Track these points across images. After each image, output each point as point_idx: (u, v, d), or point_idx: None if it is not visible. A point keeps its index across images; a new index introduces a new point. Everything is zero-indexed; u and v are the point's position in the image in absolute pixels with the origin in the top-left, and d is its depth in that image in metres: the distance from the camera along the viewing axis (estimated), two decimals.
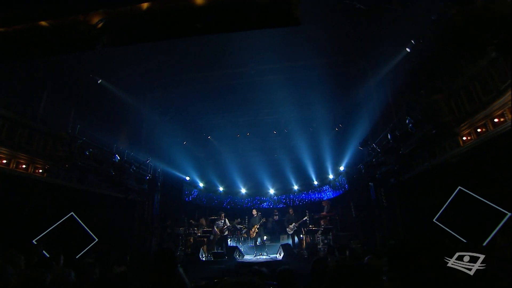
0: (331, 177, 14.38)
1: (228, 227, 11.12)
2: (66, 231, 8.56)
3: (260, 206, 16.12)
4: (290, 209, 11.90)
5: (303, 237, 11.41)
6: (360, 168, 10.66)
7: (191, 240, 11.20)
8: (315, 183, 15.59)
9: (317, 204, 14.62)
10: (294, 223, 10.94)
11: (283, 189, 16.78)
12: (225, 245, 10.69)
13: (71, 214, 9.05)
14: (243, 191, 16.80)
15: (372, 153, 9.57)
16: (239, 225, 12.30)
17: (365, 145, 9.40)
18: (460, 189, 7.72)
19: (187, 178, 13.79)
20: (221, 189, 16.41)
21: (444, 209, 8.17)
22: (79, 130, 7.74)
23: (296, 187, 16.45)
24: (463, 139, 5.82)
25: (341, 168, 12.95)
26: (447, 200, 8.06)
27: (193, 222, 12.38)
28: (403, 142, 7.52)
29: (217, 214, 13.56)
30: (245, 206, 16.56)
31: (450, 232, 7.74)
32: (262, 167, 15.44)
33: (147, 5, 2.74)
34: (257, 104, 12.55)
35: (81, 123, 8.06)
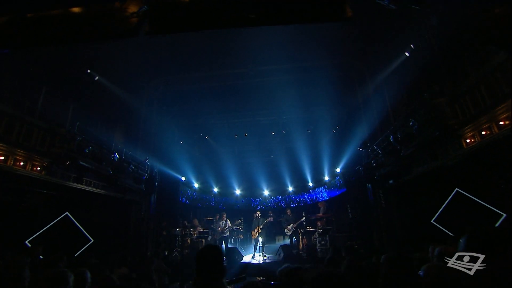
0: (327, 178, 14.51)
1: (229, 227, 11.03)
2: (61, 232, 8.28)
3: (257, 207, 16.04)
4: (288, 210, 11.90)
5: (300, 238, 11.45)
6: (358, 170, 10.80)
7: (189, 241, 11.02)
8: (310, 184, 15.70)
9: (313, 205, 14.73)
10: (292, 224, 10.95)
11: (278, 190, 16.81)
12: (224, 246, 10.59)
13: (66, 214, 8.78)
14: (238, 192, 16.73)
15: (371, 154, 9.70)
16: (236, 226, 12.22)
17: (365, 146, 9.51)
18: (457, 190, 7.96)
19: (183, 178, 13.59)
20: (216, 190, 16.27)
21: (442, 210, 8.40)
22: (78, 127, 7.49)
23: (290, 188, 16.52)
24: (466, 141, 5.96)
25: (338, 170, 13.07)
26: (445, 201, 8.31)
27: (187, 223, 12.19)
28: (404, 144, 7.66)
29: (212, 215, 13.51)
30: (238, 207, 16.49)
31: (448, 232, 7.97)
32: (258, 168, 15.41)
33: None
34: (255, 105, 12.52)
35: (80, 120, 7.82)
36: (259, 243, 10.76)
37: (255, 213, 11.42)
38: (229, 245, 11.09)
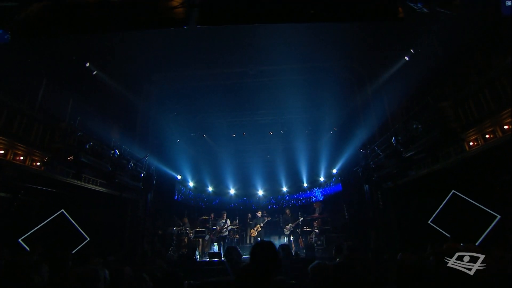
0: (322, 179, 14.64)
1: (228, 227, 10.97)
2: (56, 229, 8.01)
3: (252, 207, 16.01)
4: (287, 210, 11.94)
5: (298, 237, 11.51)
6: (355, 171, 10.96)
7: (186, 240, 10.89)
8: (305, 185, 15.79)
9: (308, 206, 14.81)
10: (290, 224, 10.99)
11: (272, 190, 16.81)
12: (224, 245, 10.53)
13: (62, 212, 8.50)
14: (232, 191, 16.64)
15: (370, 156, 9.86)
16: (233, 226, 12.15)
17: (365, 148, 9.66)
18: (453, 192, 8.19)
19: (179, 176, 13.42)
20: (210, 189, 16.14)
21: (439, 211, 8.62)
22: (78, 122, 7.28)
23: (285, 189, 16.56)
24: (469, 144, 6.13)
25: (334, 171, 13.21)
26: (442, 203, 8.53)
27: (181, 222, 12.04)
28: (405, 146, 7.81)
29: (207, 214, 13.39)
30: (232, 206, 16.39)
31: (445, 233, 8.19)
32: (254, 168, 15.41)
33: None
34: (254, 105, 12.49)
35: (79, 115, 7.59)
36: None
37: (257, 212, 11.41)
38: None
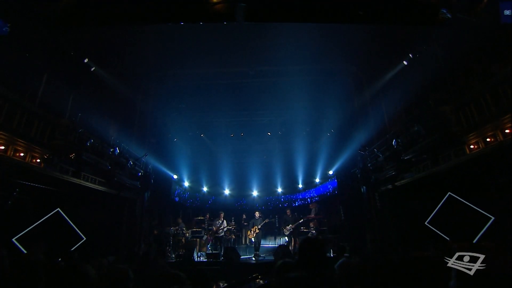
0: (318, 180, 14.75)
1: (224, 228, 10.90)
2: (51, 229, 7.78)
3: (246, 207, 15.98)
4: (288, 210, 11.97)
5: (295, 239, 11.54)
6: (352, 172, 11.10)
7: (183, 240, 10.76)
8: (300, 186, 15.88)
9: (303, 206, 14.89)
10: (291, 225, 11.03)
11: (267, 191, 16.82)
12: (223, 245, 10.46)
13: (57, 210, 8.26)
14: (227, 192, 16.56)
15: (368, 158, 10.01)
16: (229, 226, 12.08)
17: (364, 150, 9.81)
18: (450, 194, 8.42)
19: (175, 176, 13.26)
20: (205, 189, 16.02)
21: (435, 213, 8.84)
22: (79, 119, 7.10)
23: (280, 190, 16.60)
24: (470, 147, 6.31)
25: (330, 172, 13.34)
26: (438, 205, 8.76)
27: (176, 222, 11.90)
28: (406, 148, 7.97)
29: (203, 214, 13.26)
30: (229, 207, 16.30)
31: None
32: (250, 168, 15.38)
33: None
34: (253, 105, 12.48)
35: (79, 111, 7.41)
36: (257, 243, 10.74)
37: (255, 213, 11.38)
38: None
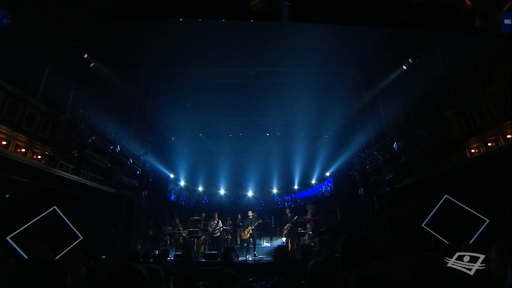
0: (314, 182, 14.86)
1: (220, 228, 10.82)
2: (47, 227, 7.55)
3: (241, 208, 15.91)
4: (287, 210, 11.99)
5: (292, 239, 11.56)
6: (350, 174, 11.24)
7: (181, 240, 10.64)
8: (296, 187, 15.95)
9: (300, 207, 14.94)
10: (288, 224, 11.06)
11: (263, 191, 16.84)
12: (221, 246, 10.38)
13: (54, 208, 8.02)
14: (222, 192, 16.48)
15: (367, 160, 10.16)
16: (225, 227, 12.02)
17: (364, 152, 9.95)
18: (446, 197, 8.63)
19: (172, 175, 13.11)
20: (200, 189, 15.90)
21: (432, 215, 9.04)
22: (81, 115, 6.93)
23: (275, 190, 16.64)
24: (471, 151, 6.48)
25: (327, 174, 13.47)
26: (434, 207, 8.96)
27: (173, 222, 11.75)
28: (406, 151, 8.13)
29: (198, 214, 13.13)
30: (224, 206, 16.23)
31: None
32: (247, 168, 15.36)
33: None
34: (252, 105, 12.47)
35: (81, 107, 7.24)
36: (250, 243, 10.70)
37: (248, 212, 11.32)
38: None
